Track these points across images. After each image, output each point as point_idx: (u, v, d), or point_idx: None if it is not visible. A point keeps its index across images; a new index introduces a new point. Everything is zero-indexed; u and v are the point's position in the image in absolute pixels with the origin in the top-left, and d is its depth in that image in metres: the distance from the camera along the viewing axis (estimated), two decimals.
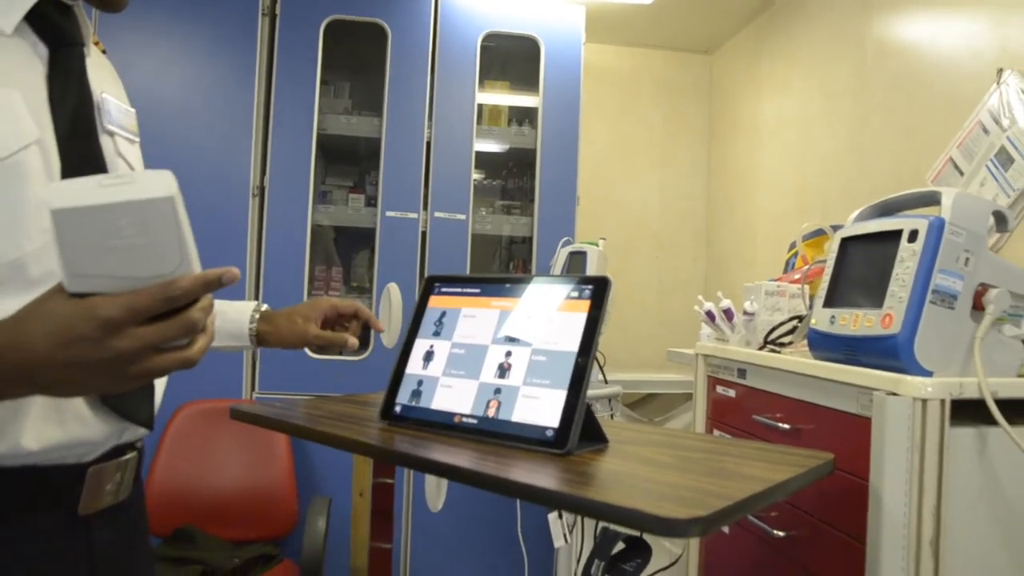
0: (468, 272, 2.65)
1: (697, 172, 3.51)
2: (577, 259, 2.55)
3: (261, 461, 2.32)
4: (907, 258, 1.12)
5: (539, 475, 0.93)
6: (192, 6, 2.47)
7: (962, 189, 1.76)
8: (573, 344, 1.11)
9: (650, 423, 2.92)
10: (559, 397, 1.08)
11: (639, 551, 1.21)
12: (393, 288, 2.57)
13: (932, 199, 1.18)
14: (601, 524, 2.14)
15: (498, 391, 1.15)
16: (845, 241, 1.31)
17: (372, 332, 2.58)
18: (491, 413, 1.14)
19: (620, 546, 1.23)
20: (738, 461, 1.03)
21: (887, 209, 1.30)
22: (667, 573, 1.70)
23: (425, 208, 2.62)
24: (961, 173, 1.77)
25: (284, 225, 2.52)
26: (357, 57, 2.77)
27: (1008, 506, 1.10)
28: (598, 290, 1.14)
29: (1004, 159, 1.65)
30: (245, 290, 2.45)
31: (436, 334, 1.29)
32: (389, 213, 2.59)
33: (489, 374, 1.18)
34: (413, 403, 1.23)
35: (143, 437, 0.94)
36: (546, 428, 1.06)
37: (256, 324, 1.18)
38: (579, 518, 2.28)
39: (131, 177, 0.59)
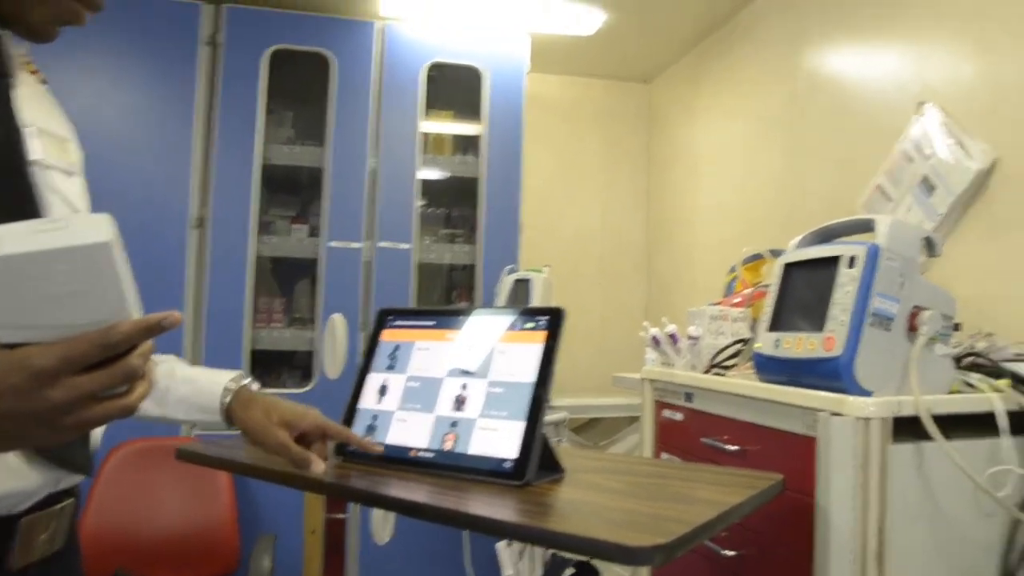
0: (413, 301, 2.65)
1: (637, 199, 3.59)
2: (522, 287, 2.57)
3: (201, 500, 2.24)
4: (847, 283, 1.17)
5: (500, 508, 0.93)
6: (131, 34, 2.43)
7: (890, 214, 1.85)
8: (530, 375, 1.12)
9: (596, 447, 2.94)
10: (517, 429, 1.08)
11: None
12: (338, 319, 2.55)
13: (868, 226, 1.23)
14: (550, 551, 2.14)
15: (455, 424, 1.15)
16: (787, 267, 1.36)
17: (315, 363, 2.55)
18: (448, 446, 1.13)
19: (569, 571, 1.24)
20: (692, 485, 1.05)
21: (826, 235, 1.35)
22: None
23: (369, 238, 2.61)
24: (889, 199, 1.86)
25: (227, 256, 2.47)
26: (300, 86, 2.75)
27: (944, 517, 1.15)
28: (553, 321, 1.15)
29: (927, 187, 1.74)
30: (184, 325, 2.39)
31: (390, 368, 1.29)
32: (332, 243, 2.57)
33: (445, 407, 1.18)
34: (368, 438, 1.22)
35: (80, 483, 0.90)
36: (504, 460, 1.06)
37: (231, 399, 1.05)
38: (528, 545, 2.28)
39: (66, 222, 0.58)
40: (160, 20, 2.45)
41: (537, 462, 1.05)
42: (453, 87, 2.87)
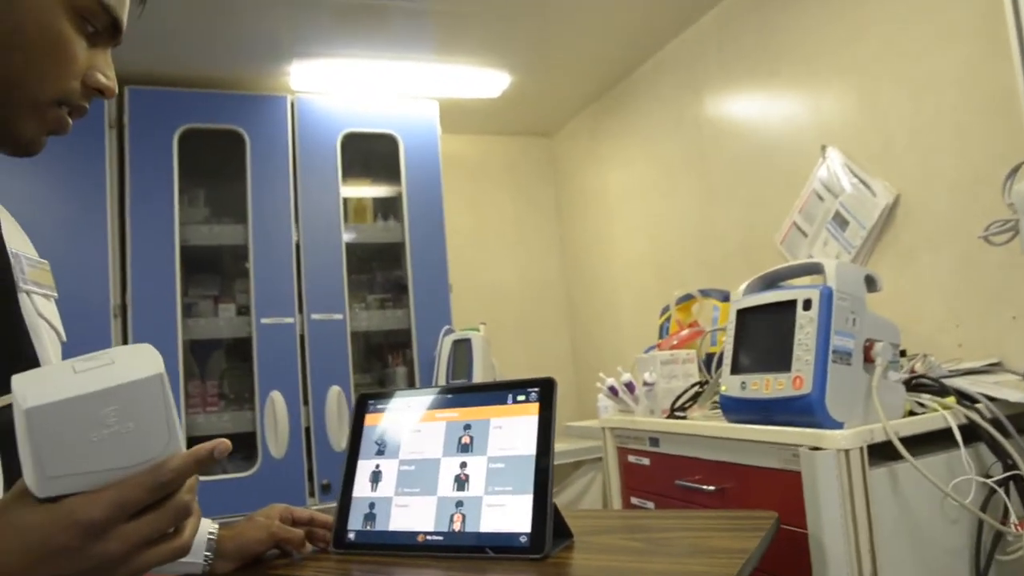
0: (351, 371, 2.60)
1: (552, 249, 3.68)
2: (461, 347, 2.59)
3: None
4: (806, 324, 1.27)
5: None
6: None
7: (808, 249, 2.00)
8: (529, 447, 1.14)
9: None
10: (526, 502, 1.10)
11: None
12: (277, 397, 2.48)
13: (815, 269, 1.34)
14: None
15: (460, 504, 1.15)
16: (741, 312, 1.45)
17: (260, 444, 2.45)
18: (456, 527, 1.13)
19: None
20: (701, 534, 1.10)
21: (771, 280, 1.46)
22: None
23: (300, 311, 2.56)
24: (805, 235, 2.01)
25: (153, 344, 2.35)
26: (210, 163, 2.69)
27: (920, 530, 1.24)
28: (545, 391, 1.18)
29: (840, 221, 1.90)
30: None
31: (380, 453, 1.27)
32: (264, 320, 2.50)
33: (446, 488, 1.18)
34: (368, 527, 1.20)
35: None
36: (519, 534, 1.07)
37: (217, 531, 1.08)
38: None
39: (108, 357, 0.55)
40: None
41: (552, 533, 1.07)
42: (368, 155, 2.89)
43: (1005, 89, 1.51)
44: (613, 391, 1.87)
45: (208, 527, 1.07)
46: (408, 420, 1.28)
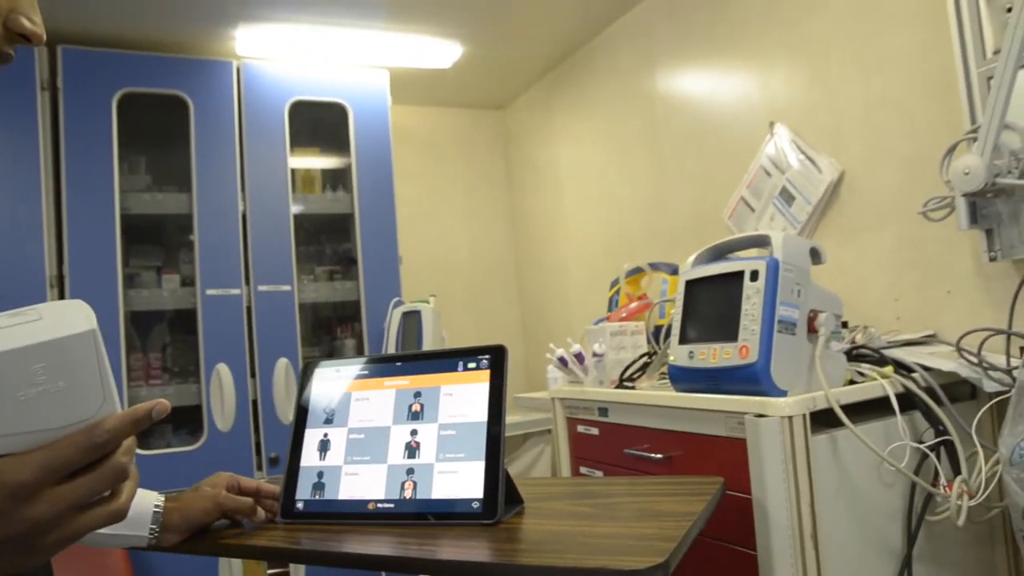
0: (299, 343, 2.57)
1: (502, 222, 3.68)
2: (411, 319, 2.57)
3: None
4: (753, 295, 1.29)
5: (489, 551, 0.95)
6: None
7: (755, 223, 2.04)
8: (481, 414, 1.15)
9: None
10: (478, 468, 1.10)
11: None
12: (223, 370, 2.44)
13: (762, 241, 1.37)
14: None
15: (411, 471, 1.15)
16: (690, 283, 1.47)
17: (206, 417, 2.40)
18: (408, 494, 1.13)
19: None
20: (650, 500, 1.12)
21: (720, 251, 1.48)
22: None
23: (247, 282, 2.51)
24: (752, 210, 2.05)
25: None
26: (153, 129, 2.60)
27: (857, 493, 1.29)
28: (496, 359, 1.18)
29: (787, 197, 1.93)
30: None
31: (328, 421, 1.26)
32: (210, 291, 2.44)
33: (397, 455, 1.18)
34: (316, 496, 1.19)
35: None
36: (472, 500, 1.08)
37: (163, 503, 1.04)
38: None
39: (36, 312, 0.53)
40: None
41: (504, 498, 1.08)
42: (317, 124, 2.83)
43: (949, 72, 1.55)
44: (563, 362, 1.88)
45: (154, 500, 1.05)
46: (357, 388, 1.27)
